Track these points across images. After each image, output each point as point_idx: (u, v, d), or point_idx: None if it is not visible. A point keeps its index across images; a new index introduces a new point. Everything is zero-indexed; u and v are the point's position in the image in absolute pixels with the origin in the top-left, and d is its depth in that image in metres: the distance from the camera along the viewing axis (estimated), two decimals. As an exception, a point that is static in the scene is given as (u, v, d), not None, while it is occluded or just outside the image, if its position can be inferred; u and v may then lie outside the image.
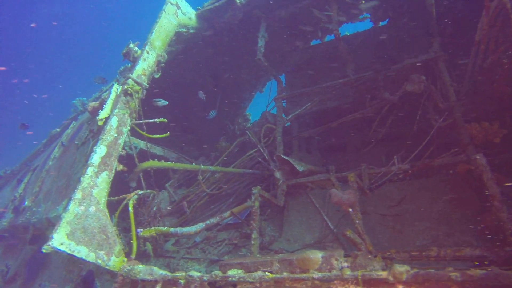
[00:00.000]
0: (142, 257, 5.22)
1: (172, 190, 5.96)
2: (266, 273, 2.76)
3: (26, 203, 6.11)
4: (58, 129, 9.18)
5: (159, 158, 6.28)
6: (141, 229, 3.97)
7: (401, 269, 2.08)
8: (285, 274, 2.68)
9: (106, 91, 7.64)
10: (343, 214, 4.92)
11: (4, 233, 6.97)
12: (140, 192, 4.36)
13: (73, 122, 8.23)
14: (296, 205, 5.51)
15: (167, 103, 5.11)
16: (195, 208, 5.54)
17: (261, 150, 5.53)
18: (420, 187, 4.79)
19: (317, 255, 2.69)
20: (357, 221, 3.43)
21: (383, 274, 2.22)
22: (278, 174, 5.08)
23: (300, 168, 5.07)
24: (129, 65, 7.57)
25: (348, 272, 2.40)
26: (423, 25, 5.70)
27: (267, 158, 5.46)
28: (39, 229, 5.29)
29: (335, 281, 2.49)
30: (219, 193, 5.64)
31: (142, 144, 5.84)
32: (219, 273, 2.92)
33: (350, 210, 3.54)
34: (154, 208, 5.22)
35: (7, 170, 10.54)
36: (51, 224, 4.79)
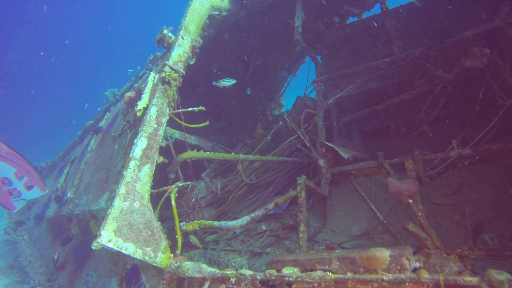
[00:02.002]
0: (183, 248, 5.17)
1: (209, 180, 5.83)
2: (327, 273, 2.52)
3: (69, 194, 6.23)
4: (91, 121, 9.32)
5: (194, 147, 6.17)
6: (184, 223, 3.86)
7: (500, 277, 1.76)
8: (349, 274, 2.44)
9: (138, 82, 7.57)
10: (393, 204, 4.58)
11: (52, 222, 7.22)
12: (180, 184, 4.23)
13: (107, 113, 8.28)
14: (340, 194, 5.21)
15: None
16: (233, 198, 5.38)
17: (302, 136, 5.24)
18: (480, 173, 4.33)
19: (384, 254, 2.42)
20: (419, 214, 3.10)
21: (473, 280, 1.91)
22: (321, 162, 4.78)
23: (345, 155, 4.74)
24: (159, 53, 7.48)
25: (426, 275, 2.11)
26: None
27: (308, 145, 5.16)
28: (82, 220, 5.36)
29: (408, 284, 2.22)
30: (258, 182, 5.44)
31: (176, 133, 5.72)
32: (274, 272, 2.72)
33: (411, 201, 3.20)
34: (193, 200, 5.12)
35: (48, 162, 10.94)
36: (93, 216, 4.80)
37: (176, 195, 3.97)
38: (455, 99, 5.06)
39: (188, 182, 4.60)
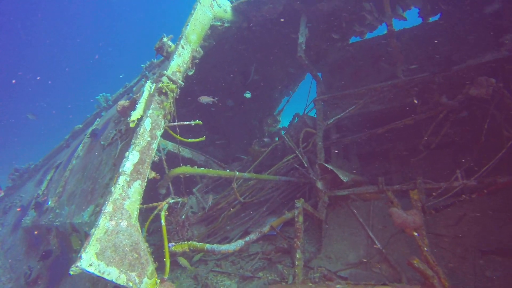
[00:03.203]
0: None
1: (200, 195, 5.57)
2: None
3: (50, 203, 5.87)
4: (80, 125, 8.99)
5: (187, 161, 5.92)
6: (173, 243, 3.60)
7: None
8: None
9: (133, 87, 7.33)
10: (392, 232, 4.40)
11: (28, 232, 6.79)
12: (171, 201, 3.98)
13: (98, 119, 7.99)
14: (336, 218, 5.03)
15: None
16: (225, 217, 5.13)
17: (300, 156, 5.07)
18: (483, 205, 4.21)
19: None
20: (425, 249, 2.93)
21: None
22: (319, 185, 4.60)
23: (344, 178, 4.58)
24: (156, 60, 7.28)
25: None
26: (485, 19, 5.06)
27: (306, 165, 4.99)
28: (62, 233, 5.01)
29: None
30: (252, 201, 5.21)
31: (169, 145, 5.48)
32: (270, 308, 2.49)
33: (416, 234, 3.04)
34: (183, 217, 4.85)
35: (30, 165, 10.47)
36: (75, 230, 4.49)
37: (167, 213, 3.72)
38: (457, 127, 4.99)
39: (179, 199, 4.34)
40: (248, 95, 6.47)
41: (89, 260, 2.54)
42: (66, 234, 4.84)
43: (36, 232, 6.16)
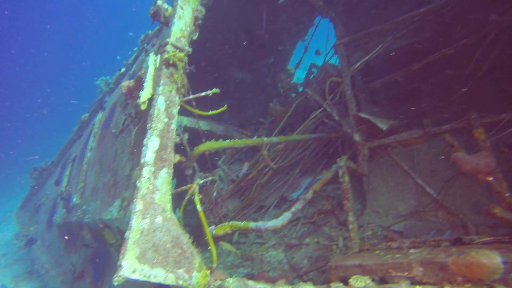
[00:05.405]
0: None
1: (227, 167, 5.25)
2: (417, 286, 1.99)
3: (75, 199, 5.69)
4: (87, 114, 8.60)
5: (206, 133, 5.53)
6: (213, 227, 3.31)
7: None
8: (447, 289, 1.90)
9: (132, 64, 6.78)
10: (445, 176, 4.01)
11: (62, 229, 6.76)
12: (201, 181, 3.65)
13: (102, 104, 7.57)
14: (377, 169, 4.65)
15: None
16: (258, 186, 4.82)
17: (328, 109, 4.58)
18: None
19: (494, 259, 1.86)
20: (507, 194, 2.53)
21: None
22: (357, 137, 4.17)
23: (383, 126, 4.12)
24: (150, 31, 6.62)
25: None
26: None
27: (337, 118, 4.52)
28: (93, 229, 4.86)
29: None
30: (283, 165, 4.86)
31: (185, 120, 5.06)
32: (342, 286, 2.19)
33: (491, 179, 2.63)
34: (214, 193, 4.56)
35: (47, 162, 10.35)
36: (106, 225, 4.28)
37: (200, 195, 3.41)
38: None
39: (208, 177, 4.02)
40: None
41: (131, 267, 2.27)
42: (98, 230, 4.67)
43: (66, 238, 6.08)
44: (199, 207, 3.08)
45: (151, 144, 2.73)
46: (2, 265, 10.81)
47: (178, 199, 3.47)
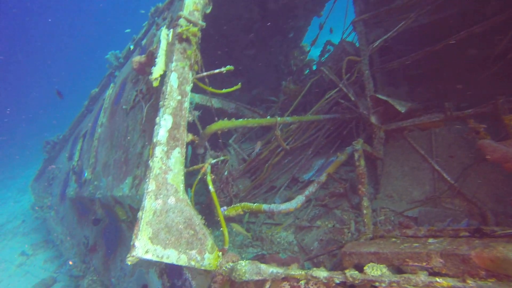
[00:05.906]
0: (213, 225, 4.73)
1: (238, 146, 5.18)
2: (437, 279, 1.93)
3: (86, 174, 5.73)
4: (97, 89, 8.53)
5: (217, 111, 5.42)
6: (225, 207, 3.29)
7: None
8: (470, 282, 1.83)
9: (142, 39, 6.60)
10: (462, 161, 3.88)
11: (74, 202, 6.90)
12: (213, 161, 3.59)
13: (112, 79, 7.48)
14: (392, 153, 4.52)
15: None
16: (269, 166, 4.76)
17: (344, 89, 4.41)
18: None
19: (522, 256, 1.78)
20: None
21: None
22: (373, 119, 4.02)
23: (401, 108, 3.96)
24: (161, 4, 6.38)
25: None
26: None
27: (353, 99, 4.35)
28: (105, 204, 4.90)
29: None
30: (296, 145, 4.76)
31: (197, 98, 4.95)
32: (357, 275, 2.15)
33: (518, 168, 2.50)
34: (226, 173, 4.52)
35: (59, 136, 10.45)
36: (118, 202, 4.30)
37: (213, 176, 3.36)
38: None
39: (221, 157, 3.96)
40: None
41: (144, 247, 2.26)
42: (110, 206, 4.72)
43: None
44: (211, 187, 3.04)
45: (164, 123, 2.66)
46: (21, 232, 11.38)
47: (189, 177, 3.44)
